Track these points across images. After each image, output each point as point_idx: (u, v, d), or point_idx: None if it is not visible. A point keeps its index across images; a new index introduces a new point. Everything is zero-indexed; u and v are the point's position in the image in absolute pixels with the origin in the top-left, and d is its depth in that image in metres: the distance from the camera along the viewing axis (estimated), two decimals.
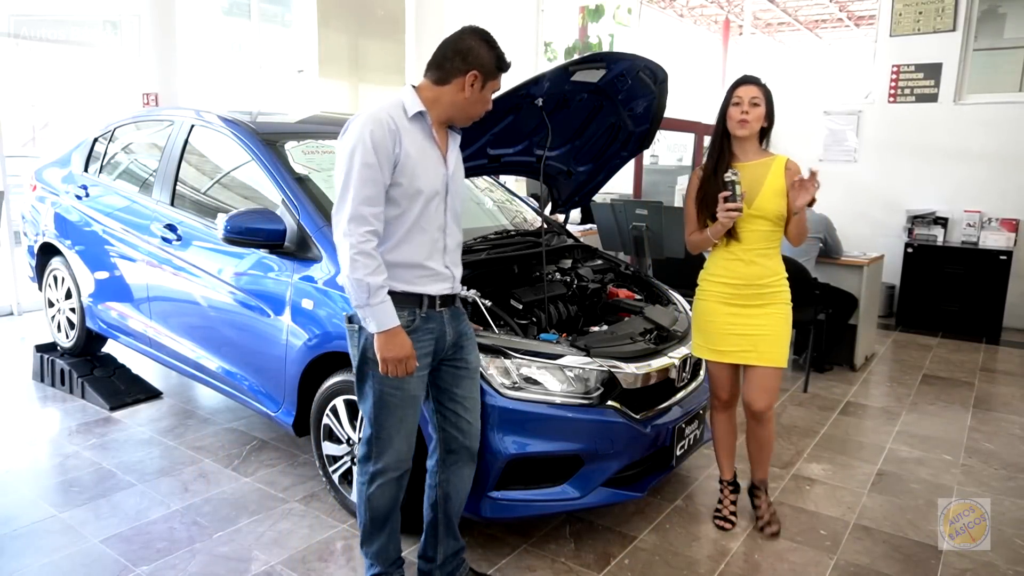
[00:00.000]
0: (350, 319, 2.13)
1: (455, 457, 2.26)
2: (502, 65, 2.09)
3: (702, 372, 2.97)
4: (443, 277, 2.15)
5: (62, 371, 4.24)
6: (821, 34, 18.23)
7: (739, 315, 2.66)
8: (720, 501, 2.93)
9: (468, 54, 2.04)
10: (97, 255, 3.97)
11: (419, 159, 2.03)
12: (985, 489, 3.26)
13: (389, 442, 2.12)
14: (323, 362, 2.77)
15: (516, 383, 2.44)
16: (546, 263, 3.24)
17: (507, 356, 2.46)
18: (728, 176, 2.55)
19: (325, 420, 2.80)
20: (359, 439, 2.62)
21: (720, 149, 2.67)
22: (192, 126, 3.57)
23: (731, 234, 2.64)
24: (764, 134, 2.68)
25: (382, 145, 1.95)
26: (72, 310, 4.30)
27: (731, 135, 2.64)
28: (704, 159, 2.74)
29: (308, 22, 8.12)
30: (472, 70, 2.03)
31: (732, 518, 2.87)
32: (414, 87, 2.09)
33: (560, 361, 2.50)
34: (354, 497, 2.56)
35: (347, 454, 2.76)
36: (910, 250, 6.35)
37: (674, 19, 15.81)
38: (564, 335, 2.76)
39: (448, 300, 2.18)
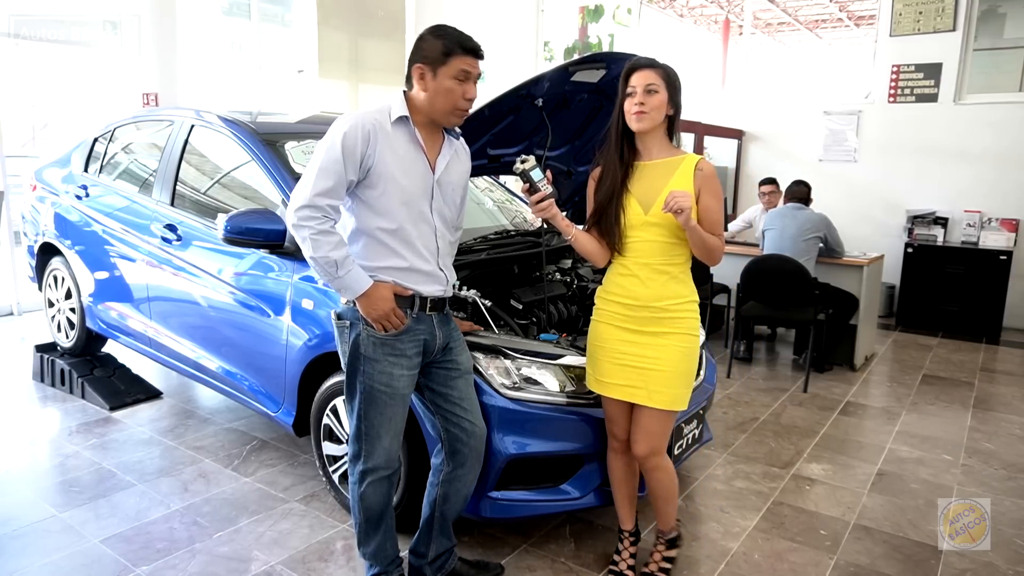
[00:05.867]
0: (339, 316, 2.16)
1: (460, 459, 2.27)
2: (452, 49, 2.02)
3: (702, 371, 2.96)
4: (437, 279, 2.17)
5: (62, 371, 4.24)
6: (821, 34, 18.24)
7: (632, 342, 2.26)
8: (617, 551, 2.55)
9: (414, 53, 2.08)
10: (97, 255, 3.97)
11: (399, 163, 2.05)
12: (985, 489, 3.26)
13: (378, 440, 2.13)
14: (323, 362, 2.77)
15: (516, 383, 2.44)
16: (546, 263, 3.24)
17: (507, 356, 2.46)
18: (517, 166, 2.15)
19: (325, 420, 2.80)
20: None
21: (620, 148, 2.26)
22: (192, 126, 3.58)
23: (618, 246, 2.26)
24: (671, 127, 2.26)
25: (351, 145, 1.98)
26: (72, 310, 4.30)
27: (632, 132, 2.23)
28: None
29: (308, 22, 8.12)
30: (416, 64, 2.06)
31: (629, 573, 2.48)
32: (405, 92, 2.12)
33: (560, 361, 2.50)
34: None
35: (347, 454, 2.75)
36: (910, 250, 6.36)
37: (674, 19, 15.81)
38: (564, 335, 2.76)
39: (439, 304, 2.20)
